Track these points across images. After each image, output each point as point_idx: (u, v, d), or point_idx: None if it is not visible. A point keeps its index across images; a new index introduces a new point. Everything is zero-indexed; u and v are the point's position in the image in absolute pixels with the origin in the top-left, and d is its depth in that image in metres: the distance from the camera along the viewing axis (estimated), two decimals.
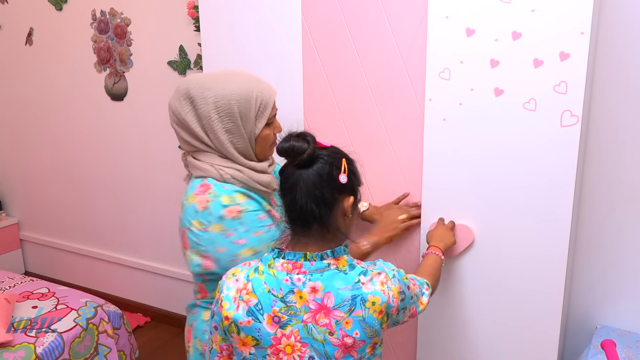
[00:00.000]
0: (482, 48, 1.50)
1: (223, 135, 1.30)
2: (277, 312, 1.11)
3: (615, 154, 1.82)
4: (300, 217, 1.13)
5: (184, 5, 2.51)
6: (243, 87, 1.31)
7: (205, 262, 1.31)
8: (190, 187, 1.34)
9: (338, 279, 1.11)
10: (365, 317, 1.10)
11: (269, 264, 1.14)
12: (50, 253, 3.49)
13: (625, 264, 1.88)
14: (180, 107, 1.31)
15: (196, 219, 1.29)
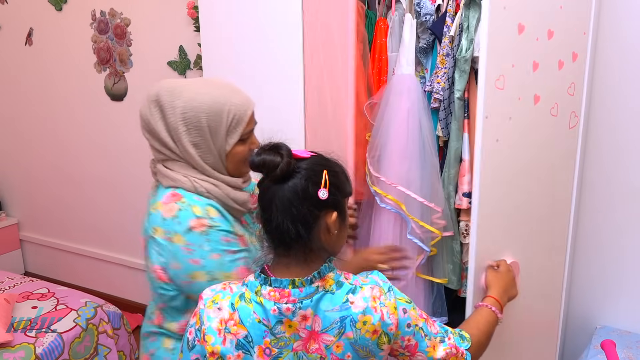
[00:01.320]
0: (527, 48, 1.34)
1: (191, 149, 1.21)
2: (269, 344, 1.02)
3: (615, 154, 1.82)
4: (279, 238, 1.02)
5: (184, 6, 2.51)
6: (215, 99, 1.20)
7: (160, 274, 1.20)
8: (158, 195, 1.23)
9: (325, 301, 1.01)
10: (357, 338, 1.00)
11: (256, 290, 1.02)
12: (50, 253, 3.49)
13: (624, 264, 1.88)
14: (150, 114, 1.22)
15: (160, 226, 1.18)
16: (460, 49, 1.59)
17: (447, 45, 1.62)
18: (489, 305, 1.25)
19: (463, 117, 1.64)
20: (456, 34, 1.60)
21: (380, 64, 1.78)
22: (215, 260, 1.17)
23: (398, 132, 1.64)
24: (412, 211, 1.64)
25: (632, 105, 1.76)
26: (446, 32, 1.62)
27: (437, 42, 1.67)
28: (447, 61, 1.62)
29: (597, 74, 1.78)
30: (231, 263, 1.18)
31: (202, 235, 1.16)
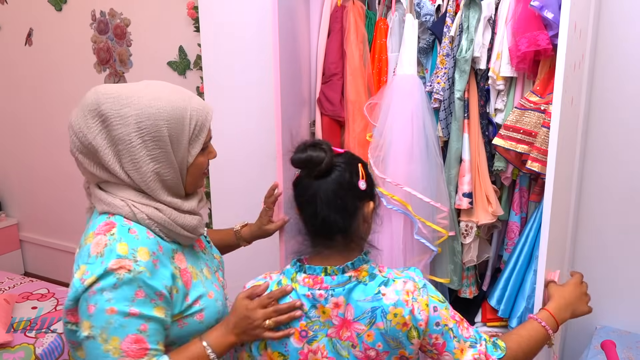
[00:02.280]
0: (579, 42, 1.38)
1: (147, 165, 1.03)
2: (305, 327, 1.09)
3: (614, 156, 1.82)
4: (323, 229, 1.08)
5: (184, 6, 2.51)
6: (174, 104, 1.04)
7: (71, 318, 1.05)
8: (93, 224, 1.06)
9: (358, 291, 1.06)
10: (387, 329, 1.04)
11: (292, 277, 1.11)
12: (50, 254, 3.49)
13: (625, 265, 1.88)
14: (87, 128, 1.02)
15: (84, 264, 1.00)
16: (460, 49, 1.59)
17: (447, 46, 1.62)
18: (539, 319, 1.15)
19: (463, 117, 1.64)
20: (456, 34, 1.60)
21: (380, 64, 1.78)
22: (105, 315, 0.97)
23: (403, 132, 1.63)
24: (418, 211, 1.64)
25: (633, 107, 1.77)
26: (446, 33, 1.62)
27: (437, 43, 1.67)
28: (447, 61, 1.62)
29: (597, 75, 1.78)
30: (120, 327, 0.97)
31: (114, 279, 0.97)
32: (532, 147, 1.50)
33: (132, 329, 0.98)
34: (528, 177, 1.65)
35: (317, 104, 1.83)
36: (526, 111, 1.53)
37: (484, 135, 1.65)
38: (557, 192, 1.31)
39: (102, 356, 0.97)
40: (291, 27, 1.64)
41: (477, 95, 1.64)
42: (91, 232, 1.04)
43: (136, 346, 0.98)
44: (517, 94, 1.60)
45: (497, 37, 1.57)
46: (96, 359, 0.98)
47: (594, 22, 1.64)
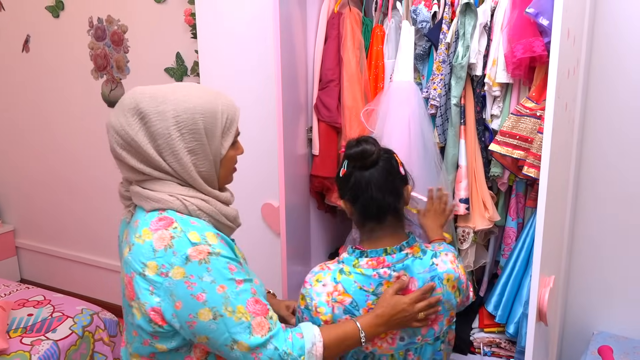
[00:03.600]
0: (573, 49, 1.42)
1: (186, 157, 1.08)
2: (371, 305, 1.24)
3: (611, 160, 1.83)
4: (378, 212, 1.26)
5: (181, 13, 2.52)
6: (207, 99, 1.11)
7: (154, 317, 1.05)
8: (142, 222, 1.08)
9: (417, 265, 1.26)
10: (444, 293, 1.27)
11: (353, 264, 1.25)
12: (46, 260, 3.47)
13: (621, 270, 1.88)
14: (128, 126, 1.07)
15: (152, 260, 1.04)
16: (456, 55, 1.60)
17: (444, 52, 1.63)
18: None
19: (460, 123, 1.65)
20: (452, 41, 1.61)
21: (377, 71, 1.78)
22: (219, 294, 1.04)
23: (400, 138, 1.63)
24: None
25: (627, 113, 1.77)
26: (442, 39, 1.63)
27: (433, 49, 1.68)
28: (443, 68, 1.63)
29: (592, 80, 1.79)
30: (237, 296, 1.05)
31: (203, 264, 1.03)
32: (528, 153, 1.51)
33: (247, 294, 1.07)
34: (524, 182, 1.66)
35: (314, 110, 1.83)
36: (522, 117, 1.54)
37: (480, 141, 1.66)
38: (552, 198, 1.32)
39: (236, 325, 1.04)
40: (288, 34, 1.65)
41: (474, 102, 1.64)
42: (144, 228, 1.07)
43: (259, 306, 1.08)
44: (513, 100, 1.61)
45: (493, 44, 1.58)
46: (231, 334, 1.04)
47: (589, 28, 1.65)
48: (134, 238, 1.08)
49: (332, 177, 1.83)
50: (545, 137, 1.22)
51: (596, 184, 1.86)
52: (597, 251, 1.90)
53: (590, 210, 1.88)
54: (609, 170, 1.83)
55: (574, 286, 1.96)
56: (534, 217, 1.58)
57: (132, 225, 1.12)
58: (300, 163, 1.82)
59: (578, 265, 1.94)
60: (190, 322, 1.04)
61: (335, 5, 1.80)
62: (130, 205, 1.17)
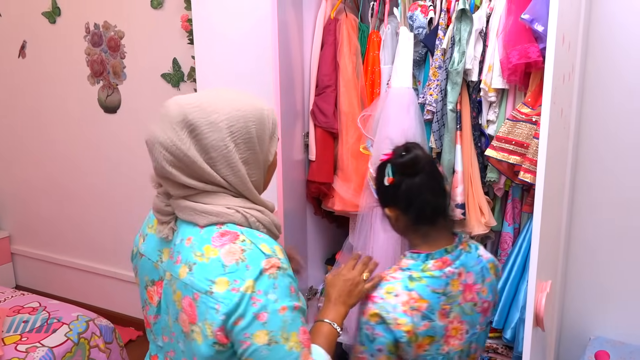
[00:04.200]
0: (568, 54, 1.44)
1: (242, 168, 1.02)
2: (444, 305, 1.25)
3: (606, 165, 1.83)
4: (433, 216, 1.29)
5: (178, 19, 2.52)
6: (255, 105, 1.05)
7: (221, 337, 0.97)
8: (199, 239, 1.01)
9: (469, 259, 1.32)
10: (492, 280, 1.35)
11: (422, 268, 1.26)
12: (42, 266, 3.46)
13: (618, 275, 1.89)
14: (180, 141, 0.98)
15: (223, 276, 0.96)
16: (452, 61, 1.60)
17: (440, 58, 1.63)
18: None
19: (456, 129, 1.65)
20: (448, 47, 1.62)
21: (373, 77, 1.79)
22: (279, 315, 0.96)
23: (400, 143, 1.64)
24: None
25: (622, 118, 1.78)
26: (438, 45, 1.64)
27: (429, 55, 1.69)
28: (439, 73, 1.63)
29: (587, 85, 1.80)
30: (293, 322, 0.98)
31: (271, 280, 0.96)
32: (524, 158, 1.51)
33: (299, 321, 1.00)
34: (520, 188, 1.66)
35: (311, 115, 1.84)
36: (518, 123, 1.54)
37: (476, 147, 1.66)
38: (548, 203, 1.32)
39: (287, 354, 0.97)
40: (285, 40, 1.66)
41: (470, 107, 1.65)
42: (205, 245, 1.00)
43: (306, 336, 1.01)
44: (509, 105, 1.61)
45: (489, 50, 1.59)
46: None
47: (584, 34, 1.66)
48: (194, 257, 0.99)
49: (328, 182, 1.83)
50: (541, 143, 1.23)
51: (592, 188, 1.86)
52: (594, 256, 1.90)
53: (586, 215, 1.88)
54: (605, 175, 1.84)
55: (570, 291, 1.96)
56: (530, 222, 1.58)
57: (180, 243, 1.03)
58: (297, 168, 1.82)
59: (574, 270, 1.94)
60: (243, 342, 0.96)
61: (332, 12, 1.81)
62: (169, 221, 1.07)
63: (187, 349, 1.03)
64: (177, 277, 1.02)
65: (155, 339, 1.16)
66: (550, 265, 1.55)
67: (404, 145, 1.31)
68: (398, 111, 1.66)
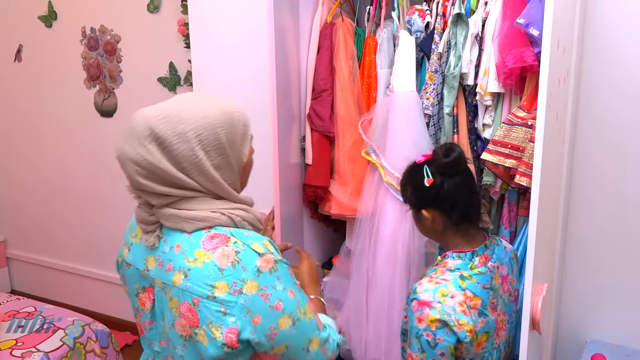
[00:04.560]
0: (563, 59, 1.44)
1: (215, 174, 1.03)
2: (492, 300, 1.29)
3: (602, 169, 1.84)
4: (475, 214, 1.33)
5: (175, 23, 2.52)
6: (222, 109, 1.04)
7: (231, 340, 0.98)
8: (187, 244, 1.02)
9: (500, 252, 1.36)
10: (517, 269, 1.41)
11: (470, 266, 1.28)
12: (38, 271, 3.44)
13: (614, 278, 1.89)
14: (149, 154, 0.99)
15: (221, 280, 0.97)
16: (448, 65, 1.61)
17: (436, 62, 1.64)
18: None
19: (452, 132, 1.65)
20: (444, 51, 1.62)
21: (369, 81, 1.79)
22: (291, 299, 1.02)
23: (405, 148, 1.63)
24: None
25: (616, 121, 1.79)
26: (434, 49, 1.65)
27: (425, 59, 1.69)
28: (435, 77, 1.64)
29: (583, 88, 1.81)
30: (302, 297, 1.06)
31: (272, 274, 1.00)
32: (520, 161, 1.52)
33: (303, 293, 1.08)
34: (517, 191, 1.67)
35: (307, 119, 1.84)
36: (514, 126, 1.55)
37: (472, 150, 1.66)
38: (544, 206, 1.33)
39: (308, 324, 1.06)
40: (281, 43, 1.66)
41: (466, 111, 1.65)
42: (196, 250, 1.01)
43: (312, 305, 1.10)
44: (505, 109, 1.62)
45: (484, 54, 1.60)
46: (306, 334, 1.05)
47: (578, 38, 1.67)
48: (186, 263, 1.00)
49: (325, 186, 1.83)
50: (536, 146, 1.23)
51: (587, 192, 1.87)
52: (590, 259, 1.91)
53: (582, 218, 1.89)
54: (600, 179, 1.84)
55: (566, 294, 1.96)
56: (527, 226, 1.58)
57: (169, 251, 1.04)
58: (294, 172, 1.82)
59: (571, 273, 1.94)
60: (270, 334, 1.00)
61: (328, 16, 1.81)
62: (154, 230, 1.07)
63: (187, 353, 1.05)
64: (172, 285, 1.02)
65: (151, 345, 1.16)
66: (546, 269, 1.56)
67: (444, 145, 1.32)
68: (405, 115, 1.66)
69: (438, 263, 1.34)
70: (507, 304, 1.38)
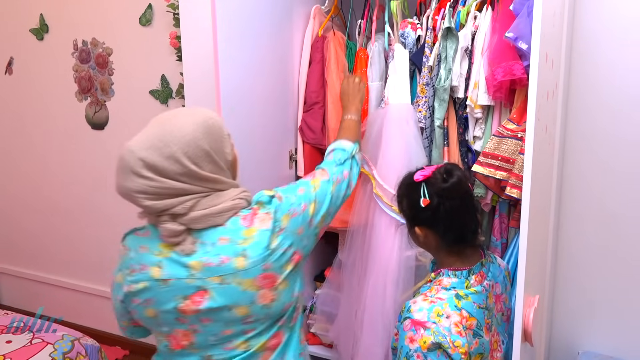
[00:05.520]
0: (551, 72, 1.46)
1: (211, 176, 1.13)
2: (487, 320, 1.25)
3: (590, 180, 1.86)
4: (472, 234, 1.28)
5: (167, 36, 2.53)
6: (196, 121, 1.13)
7: (297, 257, 1.20)
8: (229, 231, 1.14)
9: (494, 270, 1.34)
10: (509, 287, 1.38)
11: (466, 285, 1.24)
12: (26, 285, 3.40)
13: (605, 289, 1.90)
14: (151, 181, 1.08)
15: (270, 238, 1.14)
16: (439, 78, 1.62)
17: (427, 75, 1.66)
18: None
19: (443, 144, 1.67)
20: (435, 64, 1.64)
21: None
22: (302, 194, 1.25)
23: (400, 161, 1.63)
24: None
25: (604, 134, 1.81)
26: (425, 62, 1.66)
27: (416, 72, 1.71)
28: (427, 90, 1.66)
29: (571, 102, 1.83)
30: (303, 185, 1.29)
31: (286, 197, 1.22)
32: (511, 173, 1.53)
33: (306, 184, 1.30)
34: (507, 203, 1.68)
35: (299, 132, 1.85)
36: (504, 139, 1.56)
37: (463, 162, 1.68)
38: (535, 218, 1.33)
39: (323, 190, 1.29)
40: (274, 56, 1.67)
41: (456, 123, 1.67)
42: (242, 231, 1.14)
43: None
44: (495, 121, 1.63)
45: (474, 67, 1.61)
46: (326, 195, 1.29)
47: (566, 52, 1.70)
48: (240, 246, 1.12)
49: None
50: (526, 159, 1.24)
51: (577, 204, 1.88)
52: (580, 270, 1.92)
53: (572, 229, 1.90)
54: (589, 191, 1.86)
55: (558, 306, 1.97)
56: (518, 237, 1.59)
57: (213, 248, 1.13)
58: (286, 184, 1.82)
59: (562, 284, 1.95)
60: (311, 212, 1.23)
61: (320, 29, 1.83)
62: (184, 238, 1.14)
63: (272, 311, 1.18)
64: (237, 270, 1.12)
65: (200, 349, 1.20)
66: (537, 280, 1.56)
67: (443, 166, 1.27)
68: (399, 127, 1.66)
69: (432, 279, 1.30)
70: (500, 324, 1.34)
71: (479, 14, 1.63)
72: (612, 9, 1.73)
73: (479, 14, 1.62)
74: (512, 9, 1.51)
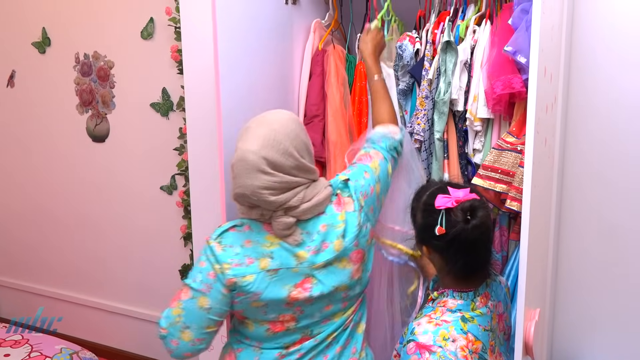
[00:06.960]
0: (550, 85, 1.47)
1: (310, 165, 1.32)
2: (492, 342, 1.23)
3: (592, 194, 1.86)
4: (481, 266, 1.27)
5: (168, 49, 2.55)
6: (290, 117, 1.32)
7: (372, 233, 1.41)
8: (331, 217, 1.32)
9: (497, 288, 1.32)
10: (509, 305, 1.36)
11: (472, 307, 1.22)
12: (24, 297, 3.39)
13: (607, 302, 1.89)
14: (273, 177, 1.23)
15: (358, 215, 1.34)
16: (438, 91, 1.63)
17: (426, 88, 1.67)
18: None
19: (443, 157, 1.67)
20: (434, 77, 1.65)
21: (360, 106, 1.81)
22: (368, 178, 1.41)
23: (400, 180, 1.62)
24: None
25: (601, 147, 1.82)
26: (424, 76, 1.67)
27: (416, 85, 1.72)
28: (426, 103, 1.66)
29: (570, 111, 1.84)
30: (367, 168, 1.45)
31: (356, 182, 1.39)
32: (511, 186, 1.53)
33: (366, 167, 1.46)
34: (507, 216, 1.68)
35: None
36: (503, 151, 1.56)
37: (463, 175, 1.68)
38: (535, 230, 1.33)
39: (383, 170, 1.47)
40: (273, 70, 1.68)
41: (456, 136, 1.67)
42: (337, 216, 1.32)
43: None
44: (494, 134, 1.64)
45: (474, 80, 1.62)
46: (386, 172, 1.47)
47: (565, 66, 1.71)
48: (338, 229, 1.30)
49: None
50: (526, 171, 1.24)
51: (577, 216, 1.88)
52: (581, 283, 1.91)
53: (572, 241, 1.90)
54: (589, 203, 1.86)
55: (559, 319, 1.96)
56: (518, 250, 1.59)
57: (317, 236, 1.30)
58: None
59: (563, 297, 1.94)
60: (378, 191, 1.42)
61: (320, 43, 1.84)
62: (295, 230, 1.28)
63: (362, 283, 1.39)
64: (336, 251, 1.30)
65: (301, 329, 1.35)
66: (538, 293, 1.56)
67: (470, 203, 1.19)
68: None
69: (433, 299, 1.27)
70: (502, 344, 1.33)
71: (478, 28, 1.64)
72: (610, 24, 1.74)
73: (478, 28, 1.64)
74: (511, 23, 1.53)
